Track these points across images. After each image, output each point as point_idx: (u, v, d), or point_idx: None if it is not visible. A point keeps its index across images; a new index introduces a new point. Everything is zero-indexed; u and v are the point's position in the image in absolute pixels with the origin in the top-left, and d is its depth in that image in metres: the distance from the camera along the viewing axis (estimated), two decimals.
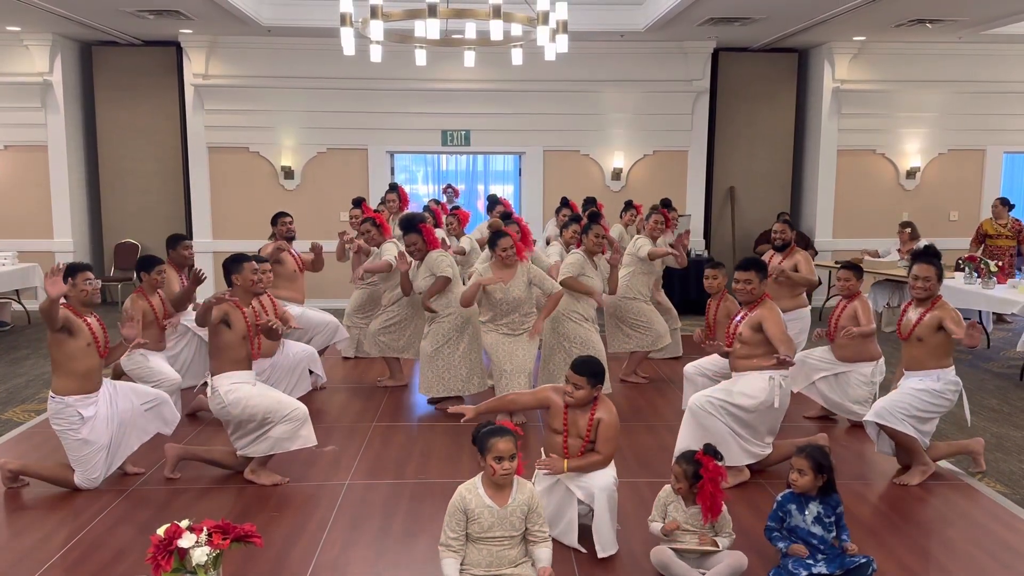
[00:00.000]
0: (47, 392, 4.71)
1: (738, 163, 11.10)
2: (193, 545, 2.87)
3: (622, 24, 9.77)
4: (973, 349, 8.41)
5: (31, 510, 4.43)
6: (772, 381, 4.60)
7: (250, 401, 4.58)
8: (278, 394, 4.78)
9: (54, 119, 10.19)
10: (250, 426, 4.63)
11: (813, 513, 3.58)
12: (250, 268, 4.84)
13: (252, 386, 4.67)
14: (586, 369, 3.87)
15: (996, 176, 11.12)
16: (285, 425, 4.63)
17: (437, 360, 5.90)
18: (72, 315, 4.51)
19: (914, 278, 4.78)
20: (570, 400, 3.88)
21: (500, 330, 5.76)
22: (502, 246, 5.64)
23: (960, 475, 4.94)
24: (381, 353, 6.62)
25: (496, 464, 3.23)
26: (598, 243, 6.06)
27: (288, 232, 6.81)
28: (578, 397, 3.86)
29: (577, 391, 3.85)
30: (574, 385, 3.86)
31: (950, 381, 4.74)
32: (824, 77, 10.65)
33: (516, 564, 3.31)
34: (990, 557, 3.91)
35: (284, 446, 4.66)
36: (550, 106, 10.61)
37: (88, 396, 4.55)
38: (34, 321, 9.70)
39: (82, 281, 4.56)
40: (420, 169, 11.69)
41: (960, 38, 10.15)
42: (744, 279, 4.74)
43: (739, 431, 4.64)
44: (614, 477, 3.90)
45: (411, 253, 5.96)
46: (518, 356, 5.67)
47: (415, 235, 5.91)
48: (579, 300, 6.01)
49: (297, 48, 10.26)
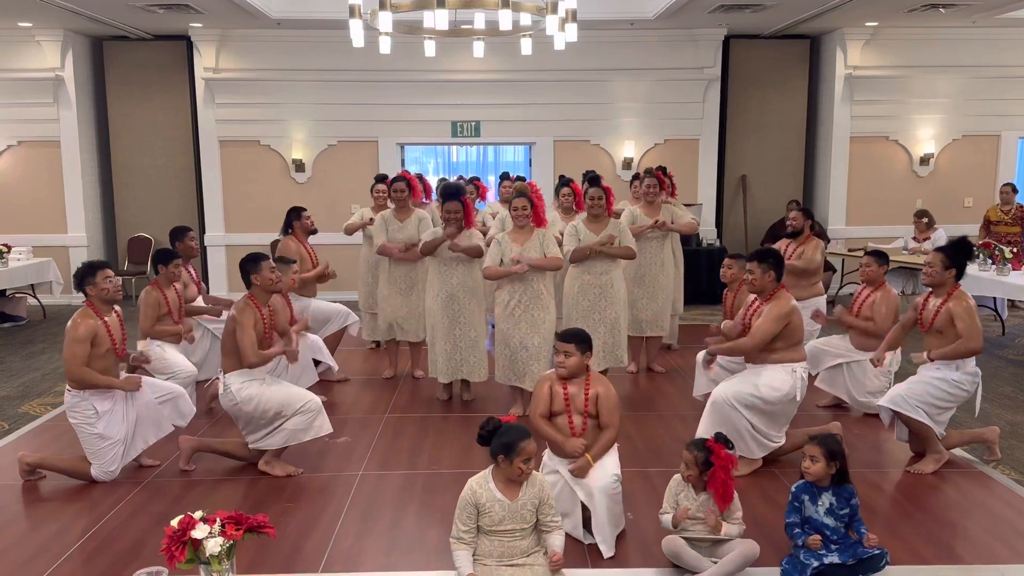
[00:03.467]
0: (63, 386, 4.76)
1: (750, 151, 11.04)
2: (206, 536, 2.88)
3: (632, 12, 9.72)
4: (989, 337, 8.36)
5: (48, 502, 4.48)
6: (795, 374, 4.59)
7: (263, 397, 4.60)
8: (289, 387, 4.81)
9: (66, 114, 10.25)
10: (262, 421, 4.65)
11: (826, 505, 3.56)
12: (268, 267, 4.82)
13: (262, 382, 4.69)
14: (573, 336, 3.93)
15: (1011, 162, 11.00)
16: (299, 417, 4.65)
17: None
18: (93, 322, 4.51)
19: (927, 264, 4.80)
20: (563, 371, 3.90)
21: (515, 311, 5.56)
22: (515, 205, 5.60)
23: (974, 463, 4.91)
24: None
25: (524, 466, 3.25)
26: (594, 204, 5.91)
27: (310, 227, 6.78)
28: (570, 365, 3.89)
29: (568, 359, 3.88)
30: (564, 353, 3.89)
31: (969, 372, 4.71)
32: (836, 63, 10.57)
33: (528, 554, 3.32)
34: (1004, 545, 3.89)
35: (299, 437, 4.69)
36: (560, 96, 10.58)
37: (105, 391, 4.58)
38: (49, 316, 9.77)
39: (102, 279, 4.56)
40: (431, 160, 11.69)
41: (974, 22, 10.04)
42: (748, 270, 4.76)
43: (759, 426, 4.62)
44: (615, 475, 3.83)
45: (448, 221, 5.76)
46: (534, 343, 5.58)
47: (457, 203, 5.75)
48: (590, 270, 5.90)
49: (307, 41, 10.27)
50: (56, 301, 10.20)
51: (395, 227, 6.52)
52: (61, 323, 8.97)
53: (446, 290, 5.83)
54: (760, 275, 4.69)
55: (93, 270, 4.57)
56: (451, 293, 5.82)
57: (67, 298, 10.25)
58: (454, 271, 5.81)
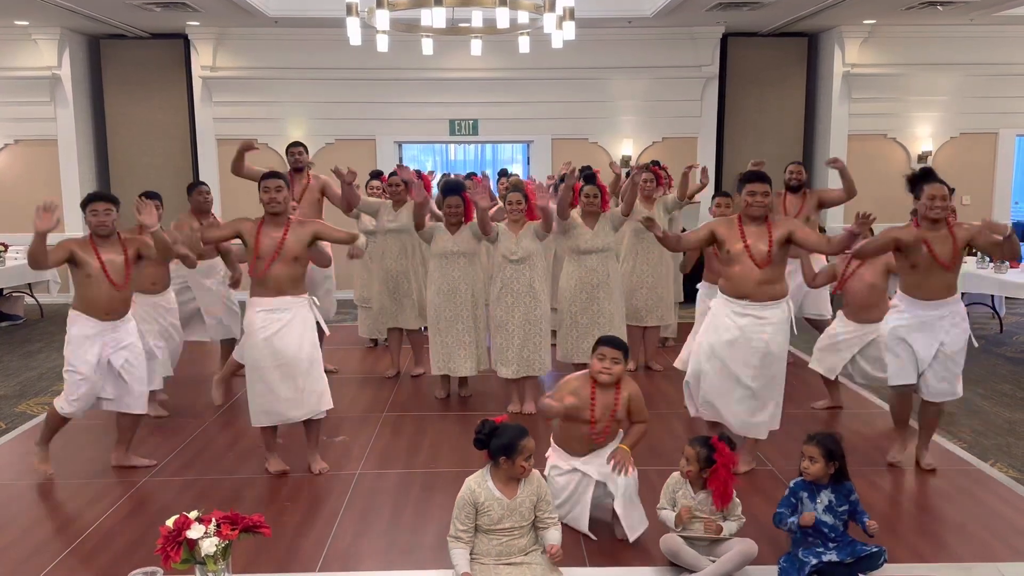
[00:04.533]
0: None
1: (748, 149, 11.02)
2: (202, 536, 2.87)
3: (630, 10, 9.70)
4: (987, 335, 8.37)
5: (44, 502, 4.47)
6: (789, 307, 4.57)
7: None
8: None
9: (63, 113, 10.23)
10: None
11: (824, 502, 3.56)
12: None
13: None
14: (620, 344, 3.89)
15: (1009, 159, 11.01)
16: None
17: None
18: (80, 248, 4.57)
19: (930, 199, 4.41)
20: (607, 377, 3.83)
21: (506, 298, 5.64)
22: (510, 199, 5.70)
23: (972, 460, 4.91)
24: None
25: (527, 464, 3.26)
26: (588, 202, 5.88)
27: (297, 163, 6.76)
28: (616, 372, 3.84)
29: (615, 366, 3.83)
30: (612, 360, 3.83)
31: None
32: (834, 61, 10.55)
33: (526, 552, 3.32)
34: (1001, 542, 3.89)
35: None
36: (558, 94, 10.56)
37: (89, 318, 4.61)
38: (47, 315, 9.76)
39: (89, 213, 4.66)
40: (429, 159, 11.68)
41: (972, 20, 10.03)
42: (762, 191, 4.49)
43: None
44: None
45: (448, 216, 5.79)
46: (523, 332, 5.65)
47: (458, 198, 5.77)
48: (581, 263, 5.91)
49: (304, 39, 10.25)
50: (53, 300, 10.18)
51: (389, 216, 6.54)
52: (58, 322, 8.96)
53: (448, 283, 5.84)
54: (769, 196, 4.54)
55: (86, 202, 4.71)
56: (452, 287, 5.84)
57: (64, 297, 10.21)
58: (455, 264, 5.82)
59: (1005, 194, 11.05)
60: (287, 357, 4.53)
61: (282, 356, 4.52)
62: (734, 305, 4.54)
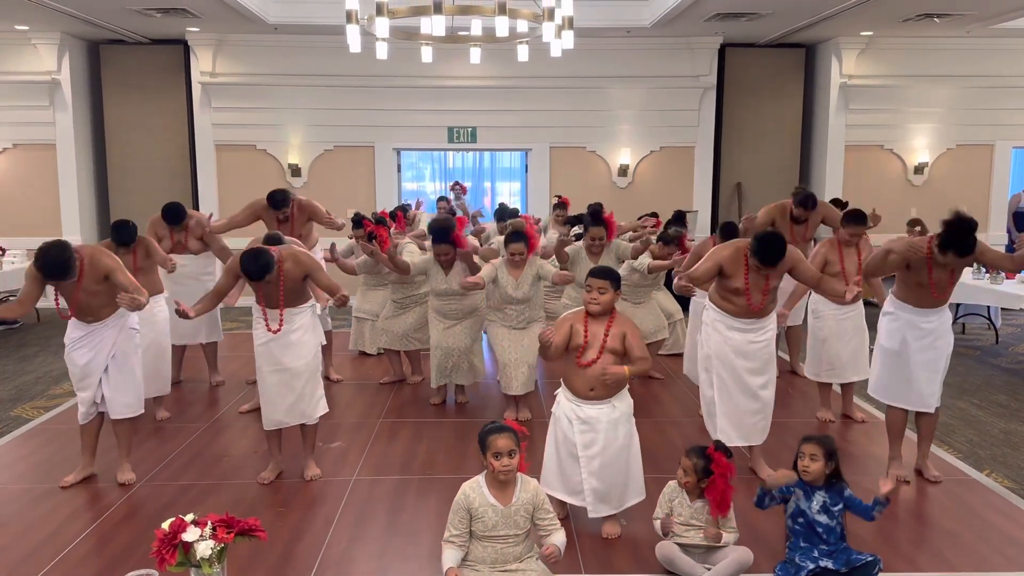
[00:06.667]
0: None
1: (745, 159, 11.07)
2: (197, 539, 2.88)
3: (628, 20, 9.74)
4: (983, 345, 8.39)
5: (41, 505, 4.46)
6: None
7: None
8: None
9: (62, 117, 10.23)
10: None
11: (819, 502, 3.57)
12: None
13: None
14: (607, 273, 3.99)
15: (1005, 171, 11.05)
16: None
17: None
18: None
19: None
20: (596, 307, 3.94)
21: (506, 322, 5.76)
22: (512, 250, 5.59)
23: (967, 470, 4.92)
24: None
25: (496, 461, 3.22)
26: (593, 244, 6.28)
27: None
28: (604, 301, 3.94)
29: (602, 295, 3.93)
30: (599, 290, 3.94)
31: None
32: (831, 72, 10.60)
33: (521, 560, 3.31)
34: (997, 552, 3.89)
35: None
36: (556, 103, 10.60)
37: (76, 320, 4.83)
38: (43, 319, 9.75)
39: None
40: (427, 166, 11.70)
41: (968, 32, 10.09)
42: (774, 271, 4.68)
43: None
44: (630, 404, 4.06)
45: (440, 261, 5.83)
46: (522, 346, 5.69)
47: (447, 246, 5.78)
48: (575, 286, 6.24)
49: (304, 46, 10.28)
50: (50, 305, 10.08)
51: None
52: (55, 326, 8.95)
53: (446, 316, 5.97)
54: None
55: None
56: (451, 319, 5.98)
57: (61, 301, 10.19)
58: (451, 299, 5.90)
59: (1001, 206, 11.08)
60: (286, 364, 4.62)
61: (282, 363, 4.62)
62: (731, 321, 4.65)
